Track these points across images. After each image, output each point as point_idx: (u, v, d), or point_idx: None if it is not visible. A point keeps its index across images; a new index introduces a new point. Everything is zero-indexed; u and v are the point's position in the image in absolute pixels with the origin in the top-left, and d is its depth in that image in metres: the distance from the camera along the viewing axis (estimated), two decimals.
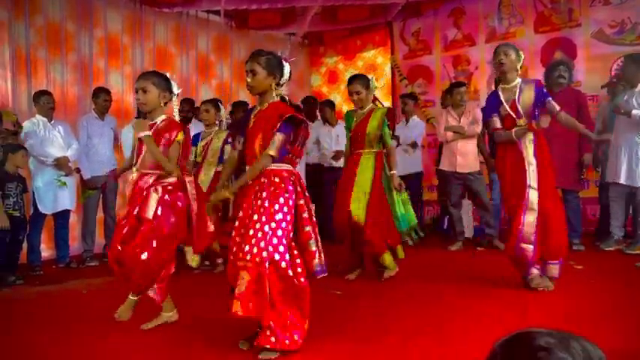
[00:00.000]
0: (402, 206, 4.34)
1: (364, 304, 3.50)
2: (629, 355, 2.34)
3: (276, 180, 2.63)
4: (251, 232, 2.51)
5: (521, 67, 3.81)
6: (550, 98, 3.70)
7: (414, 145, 6.26)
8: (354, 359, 2.48)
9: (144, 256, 2.89)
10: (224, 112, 5.02)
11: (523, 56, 3.81)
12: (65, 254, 5.35)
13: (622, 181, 4.83)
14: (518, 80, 3.74)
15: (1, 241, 4.46)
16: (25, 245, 4.96)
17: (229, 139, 4.63)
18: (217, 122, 4.93)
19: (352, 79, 4.39)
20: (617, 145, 4.91)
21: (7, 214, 4.51)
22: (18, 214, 4.64)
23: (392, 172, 4.28)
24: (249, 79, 2.71)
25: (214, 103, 4.98)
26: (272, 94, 2.74)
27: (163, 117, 3.09)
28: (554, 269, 3.59)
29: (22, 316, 3.52)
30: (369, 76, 4.42)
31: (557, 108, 3.69)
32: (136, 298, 3.12)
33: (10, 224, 4.48)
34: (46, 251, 5.43)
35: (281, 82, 2.75)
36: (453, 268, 4.59)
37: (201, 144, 4.87)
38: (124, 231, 2.94)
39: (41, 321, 3.36)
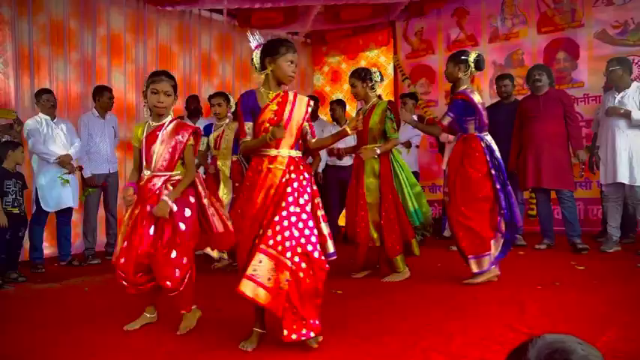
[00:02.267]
0: (415, 201, 4.27)
1: (364, 303, 3.50)
2: (631, 356, 2.33)
3: (301, 167, 2.68)
4: (285, 222, 2.53)
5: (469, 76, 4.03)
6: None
7: (408, 144, 6.23)
8: (353, 359, 2.48)
9: (173, 254, 2.85)
10: (233, 103, 5.12)
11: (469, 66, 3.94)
12: (67, 252, 5.36)
13: (625, 180, 4.84)
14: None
15: (1, 239, 4.47)
16: (27, 243, 4.97)
17: None
18: (229, 114, 5.07)
19: (350, 74, 4.44)
20: (612, 145, 4.92)
21: (7, 211, 4.51)
22: (17, 211, 4.64)
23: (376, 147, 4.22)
24: (293, 72, 2.75)
25: (225, 96, 5.10)
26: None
27: (170, 117, 3.07)
28: None
29: (24, 314, 3.53)
30: (372, 70, 4.39)
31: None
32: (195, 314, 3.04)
33: (9, 221, 4.49)
34: (48, 249, 5.44)
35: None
36: (453, 268, 4.58)
37: (213, 135, 5.02)
38: (151, 233, 2.87)
39: (43, 319, 3.37)
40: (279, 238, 2.50)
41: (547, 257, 4.90)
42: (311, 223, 2.60)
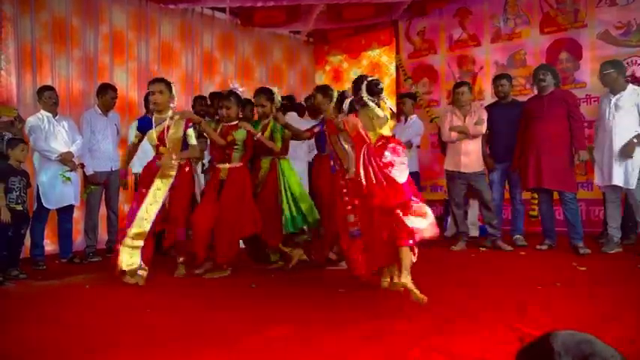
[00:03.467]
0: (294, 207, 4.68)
1: (364, 303, 3.49)
2: (633, 357, 2.33)
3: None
4: None
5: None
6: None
7: (408, 145, 6.19)
8: (353, 358, 2.48)
9: None
10: (175, 94, 4.54)
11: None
12: (68, 249, 5.36)
13: (620, 183, 4.85)
14: None
15: (3, 235, 4.47)
16: (28, 240, 4.97)
17: (190, 124, 4.43)
18: (171, 105, 4.47)
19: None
20: (610, 148, 4.92)
21: (10, 208, 4.51)
22: (21, 208, 4.63)
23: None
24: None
25: (165, 82, 4.46)
26: None
27: None
28: None
29: (25, 311, 3.53)
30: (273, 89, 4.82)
31: None
32: None
33: (12, 218, 4.49)
34: (49, 246, 5.44)
35: None
36: (455, 269, 4.59)
37: (156, 131, 4.42)
38: None
39: (43, 316, 3.37)
40: None
41: (548, 258, 4.90)
42: None
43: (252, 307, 3.44)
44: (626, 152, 4.80)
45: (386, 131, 3.61)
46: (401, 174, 3.41)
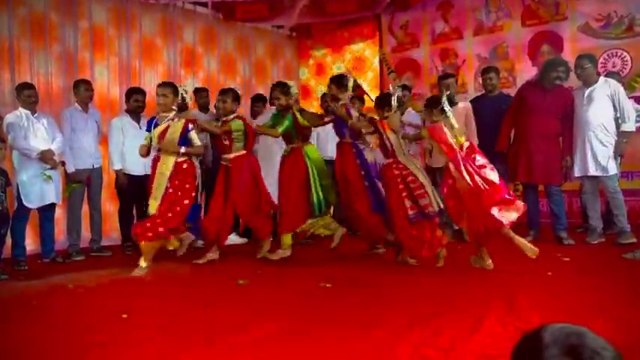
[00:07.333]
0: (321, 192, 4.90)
1: (353, 297, 3.49)
2: (619, 347, 2.35)
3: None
4: None
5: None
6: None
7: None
8: (341, 354, 2.47)
9: None
10: (187, 94, 4.88)
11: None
12: (50, 249, 5.28)
13: (596, 173, 4.94)
14: None
15: None
16: (9, 240, 4.88)
17: (190, 127, 4.68)
18: (173, 107, 4.69)
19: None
20: (582, 141, 4.99)
21: None
22: None
23: None
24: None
25: (172, 86, 4.76)
26: None
27: None
28: None
29: (7, 312, 3.47)
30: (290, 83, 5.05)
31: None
32: None
33: None
34: (31, 246, 5.35)
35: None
36: (444, 261, 4.60)
37: (159, 130, 4.65)
38: None
39: (26, 316, 3.32)
40: None
41: None
42: None
43: (237, 304, 3.42)
44: (619, 151, 4.95)
45: (463, 138, 4.11)
46: (493, 173, 3.94)
